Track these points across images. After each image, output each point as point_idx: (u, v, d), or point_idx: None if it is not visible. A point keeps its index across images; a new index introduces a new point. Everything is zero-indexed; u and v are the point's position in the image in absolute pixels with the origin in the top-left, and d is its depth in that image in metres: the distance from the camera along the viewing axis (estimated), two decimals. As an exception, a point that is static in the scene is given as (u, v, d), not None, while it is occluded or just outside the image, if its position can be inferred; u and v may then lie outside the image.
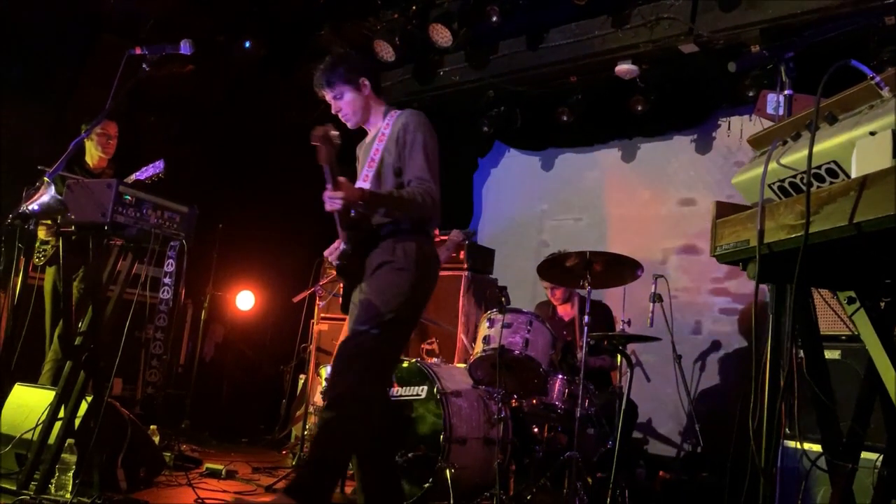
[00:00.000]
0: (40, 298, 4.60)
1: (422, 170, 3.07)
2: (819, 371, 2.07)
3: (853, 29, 4.52)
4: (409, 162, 3.10)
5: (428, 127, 3.19)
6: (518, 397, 4.30)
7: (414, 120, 3.18)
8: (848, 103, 1.75)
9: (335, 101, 3.23)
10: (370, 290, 3.01)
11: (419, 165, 3.08)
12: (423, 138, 3.12)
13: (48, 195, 3.19)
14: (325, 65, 3.24)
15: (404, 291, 2.97)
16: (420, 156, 3.09)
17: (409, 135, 3.12)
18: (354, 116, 3.25)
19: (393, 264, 3.02)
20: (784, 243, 1.74)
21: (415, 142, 3.11)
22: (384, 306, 2.93)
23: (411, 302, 3.01)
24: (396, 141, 3.13)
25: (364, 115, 3.26)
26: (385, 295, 2.96)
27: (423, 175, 3.06)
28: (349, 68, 3.20)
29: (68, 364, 3.37)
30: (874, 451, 2.34)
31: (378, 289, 3.00)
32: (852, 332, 2.47)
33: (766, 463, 1.88)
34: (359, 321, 2.95)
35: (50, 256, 4.57)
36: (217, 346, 7.24)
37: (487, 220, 7.82)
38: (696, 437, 4.88)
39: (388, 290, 2.98)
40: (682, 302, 6.14)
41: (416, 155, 3.09)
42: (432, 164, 3.12)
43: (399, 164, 3.12)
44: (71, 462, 3.16)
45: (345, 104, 3.22)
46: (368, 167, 3.17)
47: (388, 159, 3.13)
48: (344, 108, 3.23)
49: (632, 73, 5.87)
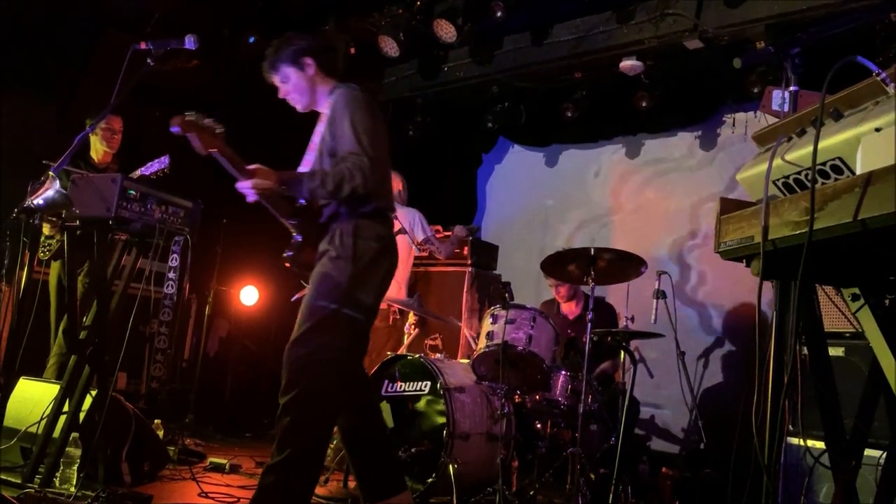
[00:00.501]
0: (45, 293, 4.61)
1: (350, 144, 2.92)
2: (823, 368, 2.06)
3: (859, 25, 4.51)
4: (339, 140, 2.97)
5: (357, 100, 3.04)
6: (521, 393, 4.30)
7: (342, 97, 3.05)
8: (853, 99, 1.75)
9: (282, 84, 3.16)
10: (312, 283, 2.95)
11: (349, 141, 2.93)
12: (350, 113, 2.97)
13: (53, 190, 3.20)
14: (271, 48, 3.17)
15: (341, 282, 2.88)
16: (348, 131, 2.94)
17: (337, 113, 3.02)
18: (301, 99, 3.17)
19: (329, 253, 2.95)
20: (788, 240, 1.74)
21: (343, 118, 2.97)
22: (322, 300, 2.87)
23: (352, 290, 2.89)
24: (330, 122, 3.04)
25: (310, 97, 3.17)
26: (321, 288, 2.90)
27: (352, 149, 2.91)
28: (292, 50, 3.13)
29: (73, 358, 3.39)
30: (878, 448, 2.34)
31: (315, 282, 2.94)
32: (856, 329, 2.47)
33: (769, 460, 1.88)
34: (301, 320, 2.89)
35: (55, 251, 4.58)
36: (221, 341, 7.25)
37: (491, 216, 7.82)
38: (699, 434, 4.88)
39: (324, 282, 2.91)
40: (685, 298, 6.14)
41: (344, 131, 2.96)
42: (363, 135, 2.93)
43: (332, 144, 3.01)
44: (75, 456, 3.18)
45: (291, 87, 3.15)
46: (310, 151, 3.10)
47: (325, 142, 3.05)
48: (290, 92, 3.16)
49: (636, 69, 5.86)
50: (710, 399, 5.81)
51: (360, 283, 2.92)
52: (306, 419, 2.82)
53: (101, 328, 3.37)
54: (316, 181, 2.88)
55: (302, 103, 3.19)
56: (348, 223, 2.97)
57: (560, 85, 6.54)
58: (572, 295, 5.25)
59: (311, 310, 2.89)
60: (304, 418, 2.82)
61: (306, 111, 3.23)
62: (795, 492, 3.22)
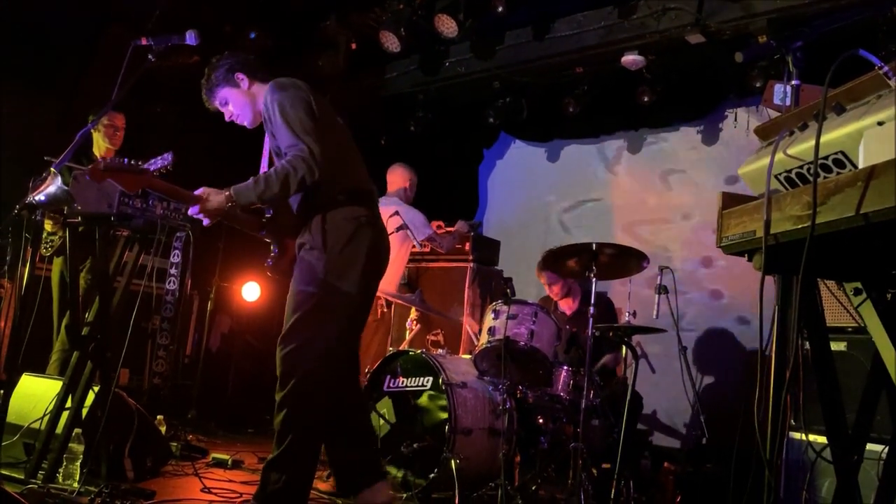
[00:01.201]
0: (48, 289, 4.61)
1: (287, 137, 2.87)
2: (825, 363, 2.06)
3: (861, 19, 4.49)
4: (278, 137, 2.94)
5: (286, 88, 2.97)
6: (523, 388, 4.30)
7: (269, 92, 3.00)
8: (856, 93, 1.74)
9: (224, 108, 3.15)
10: (293, 280, 2.97)
11: (284, 135, 2.88)
12: (278, 107, 2.91)
13: (55, 186, 3.20)
14: (203, 80, 3.17)
15: (318, 271, 2.89)
16: (281, 125, 2.88)
17: (268, 111, 2.97)
18: (245, 115, 3.15)
19: (304, 246, 2.96)
20: (790, 234, 1.74)
21: (273, 116, 2.92)
22: (304, 292, 2.89)
23: (334, 282, 2.90)
24: (266, 123, 3.03)
25: (252, 110, 3.14)
26: (302, 281, 2.92)
27: (289, 142, 2.86)
28: (223, 69, 3.12)
29: (75, 354, 3.39)
30: (880, 442, 2.34)
31: (295, 275, 2.97)
32: (858, 324, 2.46)
33: (771, 454, 1.88)
34: (287, 316, 2.92)
35: (57, 247, 4.58)
36: (223, 337, 7.26)
37: (493, 212, 7.81)
38: (701, 429, 4.88)
39: (303, 274, 2.93)
40: (687, 293, 6.13)
41: (278, 126, 2.91)
42: (294, 125, 2.86)
43: (275, 144, 2.98)
44: (78, 451, 3.18)
45: (232, 107, 3.13)
46: (264, 159, 3.13)
47: (270, 144, 3.04)
48: (234, 111, 3.14)
49: (638, 64, 5.85)
50: (712, 394, 5.81)
51: (340, 269, 2.91)
52: (302, 412, 2.84)
53: (104, 324, 3.37)
54: (261, 186, 2.84)
55: (248, 119, 3.17)
56: (317, 213, 2.96)
57: (561, 80, 6.54)
58: (566, 292, 5.24)
59: (295, 302, 2.92)
60: (300, 411, 2.84)
61: (254, 126, 3.21)
62: (797, 487, 3.22)
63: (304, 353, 2.85)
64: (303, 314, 2.88)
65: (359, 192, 3.05)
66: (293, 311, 2.90)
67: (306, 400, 2.84)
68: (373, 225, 3.03)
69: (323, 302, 2.88)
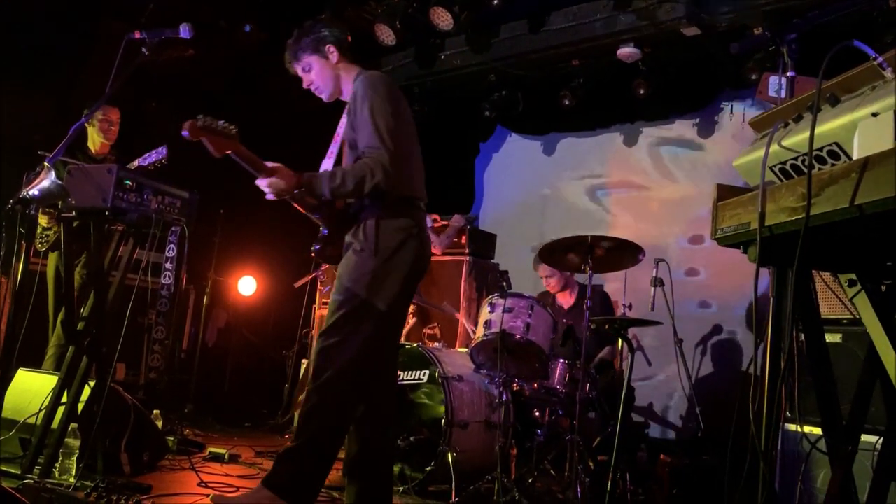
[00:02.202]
0: (43, 284, 4.61)
1: (370, 137, 2.86)
2: (820, 354, 2.06)
3: (856, 11, 4.49)
4: (359, 133, 2.92)
5: (379, 88, 2.95)
6: (519, 381, 4.31)
7: (362, 86, 2.96)
8: (850, 84, 1.74)
9: (305, 74, 3.09)
10: (338, 276, 2.95)
11: (368, 134, 2.87)
12: (369, 104, 2.89)
13: (49, 180, 3.18)
14: (293, 37, 3.10)
15: (363, 274, 2.88)
16: (368, 123, 2.87)
17: (357, 103, 2.94)
18: (326, 88, 3.10)
19: (353, 245, 2.94)
20: (785, 226, 1.74)
21: (363, 110, 2.90)
22: (347, 292, 2.87)
23: (379, 287, 2.88)
24: (349, 112, 2.98)
25: (335, 86, 3.10)
26: (346, 280, 2.90)
27: (371, 143, 2.86)
28: (314, 38, 3.06)
29: (71, 349, 3.39)
30: (874, 433, 2.35)
31: (340, 274, 2.94)
32: (853, 316, 2.46)
33: (766, 446, 1.88)
34: (329, 313, 2.90)
35: (52, 242, 4.57)
36: (219, 332, 7.26)
37: (489, 205, 7.81)
38: (696, 421, 4.89)
39: (348, 275, 2.90)
40: (683, 286, 6.14)
41: (363, 124, 2.89)
42: (383, 129, 2.87)
43: (353, 136, 2.96)
44: (74, 446, 3.18)
45: (314, 76, 3.08)
46: (334, 143, 3.05)
47: (346, 134, 3.01)
48: (314, 81, 3.09)
49: (634, 57, 5.85)
50: (708, 386, 5.82)
51: (385, 276, 2.90)
52: (328, 406, 2.83)
53: (99, 319, 3.36)
54: (336, 181, 2.84)
55: (327, 92, 3.12)
56: (372, 216, 2.94)
57: (557, 73, 6.53)
58: (564, 285, 5.24)
59: (338, 302, 2.89)
60: (326, 405, 2.82)
61: (331, 101, 3.17)
62: (792, 478, 3.23)
63: (342, 350, 2.84)
64: (347, 312, 2.87)
65: (414, 202, 3.05)
66: (338, 307, 2.88)
67: (335, 396, 2.83)
68: (419, 237, 3.02)
69: (366, 304, 2.87)
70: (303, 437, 2.80)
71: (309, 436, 2.80)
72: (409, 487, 3.89)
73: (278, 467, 2.81)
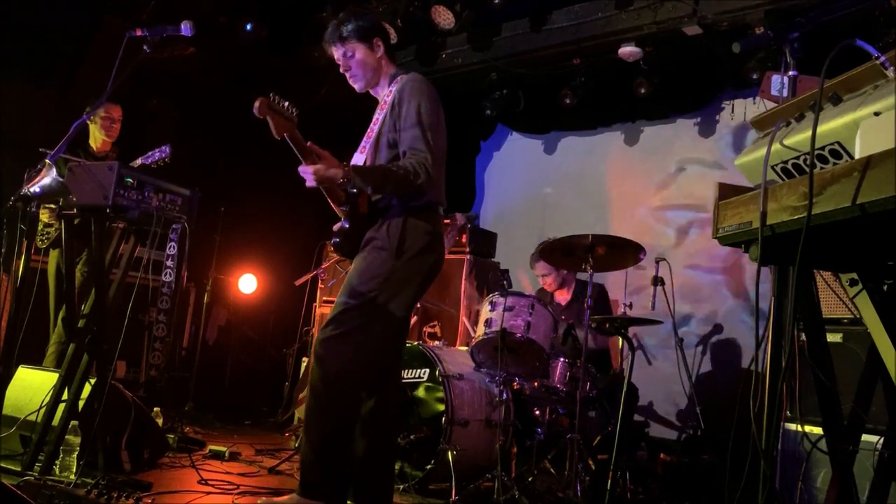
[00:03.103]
0: (44, 281, 4.61)
1: (415, 139, 2.87)
2: (821, 354, 2.06)
3: (858, 10, 4.48)
4: (403, 132, 2.91)
5: (427, 92, 2.98)
6: (520, 380, 4.31)
7: (410, 86, 2.97)
8: (852, 84, 1.74)
9: (345, 58, 3.04)
10: (353, 269, 2.92)
11: (412, 135, 2.88)
12: (417, 105, 2.90)
13: (50, 177, 3.19)
14: (341, 19, 3.05)
15: (381, 273, 2.85)
16: (414, 125, 2.88)
17: (403, 103, 2.93)
18: (364, 78, 3.07)
19: (375, 242, 2.91)
20: (787, 225, 1.74)
21: (409, 110, 2.90)
22: (361, 287, 2.84)
23: (392, 284, 2.86)
24: (392, 109, 2.96)
25: (373, 78, 3.08)
26: (362, 276, 2.87)
27: (416, 145, 2.86)
28: (365, 25, 3.03)
29: (71, 346, 3.39)
30: (875, 433, 2.35)
31: (357, 269, 2.90)
32: (854, 316, 2.46)
33: (766, 445, 1.88)
34: (336, 305, 2.87)
35: (53, 239, 4.57)
36: (220, 329, 7.26)
37: (490, 204, 7.81)
38: (696, 420, 4.89)
39: (366, 270, 2.87)
40: (684, 285, 6.14)
41: (409, 124, 2.89)
42: (428, 132, 2.89)
43: (394, 135, 2.95)
44: (75, 444, 3.18)
45: (355, 63, 3.04)
46: (367, 138, 3.02)
47: (385, 130, 2.98)
48: (354, 68, 3.05)
49: (635, 56, 5.84)
50: (708, 385, 5.82)
51: (402, 278, 2.89)
52: (329, 401, 2.82)
53: (100, 316, 3.36)
54: (379, 177, 2.83)
55: (362, 82, 3.09)
56: (398, 216, 2.93)
57: (559, 71, 6.52)
58: (560, 283, 5.24)
59: (351, 294, 2.86)
60: (327, 400, 2.82)
61: (363, 92, 3.15)
62: (793, 477, 3.23)
63: (346, 343, 2.81)
64: (354, 306, 2.84)
65: (437, 207, 3.07)
66: (346, 301, 2.85)
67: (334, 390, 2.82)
68: (439, 244, 3.05)
69: (379, 303, 2.85)
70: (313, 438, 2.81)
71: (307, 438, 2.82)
72: (410, 486, 3.89)
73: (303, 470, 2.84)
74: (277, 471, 4.11)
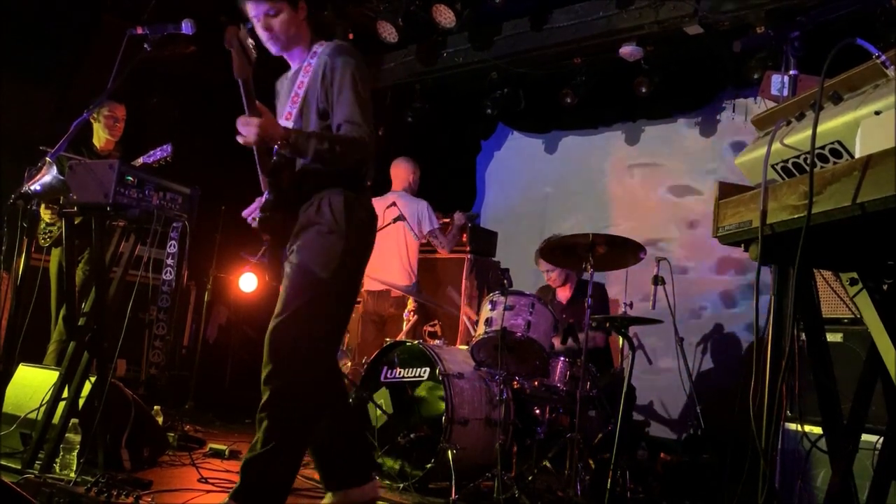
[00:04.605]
0: (45, 279, 4.61)
1: (353, 113, 2.71)
2: (820, 353, 2.06)
3: (859, 10, 4.48)
4: (338, 104, 2.75)
5: (358, 63, 2.81)
6: (520, 379, 4.30)
7: (342, 54, 2.82)
8: (853, 83, 1.74)
9: (267, 17, 2.88)
10: (299, 258, 2.76)
11: (349, 108, 2.72)
12: (352, 75, 2.75)
13: (50, 175, 3.19)
14: None
15: (336, 258, 2.72)
16: (350, 96, 2.72)
17: (336, 72, 2.77)
18: (282, 39, 2.90)
19: (320, 227, 2.76)
20: (787, 224, 1.73)
21: (343, 81, 2.75)
22: (316, 276, 2.70)
23: (346, 269, 2.75)
24: (323, 78, 2.81)
25: (292, 42, 2.93)
26: (315, 264, 2.72)
27: (354, 119, 2.70)
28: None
29: (72, 345, 3.39)
30: (875, 433, 2.35)
31: (308, 258, 2.74)
32: (854, 315, 2.46)
33: (766, 445, 1.88)
34: (289, 299, 2.72)
35: (55, 238, 4.58)
36: (220, 328, 7.26)
37: (490, 203, 7.81)
38: (697, 420, 4.89)
39: (319, 258, 2.73)
40: (684, 284, 6.14)
41: (345, 95, 2.73)
42: (364, 106, 2.73)
43: (324, 105, 2.80)
44: (75, 442, 3.18)
45: (277, 23, 2.88)
46: (292, 103, 2.86)
47: (311, 97, 2.83)
48: (276, 28, 2.89)
49: (636, 55, 5.84)
50: (708, 384, 5.82)
51: (355, 260, 2.81)
52: (297, 407, 2.69)
53: (100, 315, 3.36)
54: (324, 144, 2.65)
55: (279, 45, 2.94)
56: (337, 195, 2.78)
57: (559, 71, 6.53)
58: (564, 279, 5.25)
59: (303, 286, 2.72)
60: (295, 407, 2.68)
61: (278, 55, 3.01)
62: (792, 477, 3.23)
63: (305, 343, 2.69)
64: (309, 299, 2.71)
65: (369, 189, 2.98)
66: (297, 294, 2.72)
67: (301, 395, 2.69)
68: (376, 221, 2.98)
69: (334, 290, 2.74)
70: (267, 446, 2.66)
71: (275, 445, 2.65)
72: (409, 484, 3.89)
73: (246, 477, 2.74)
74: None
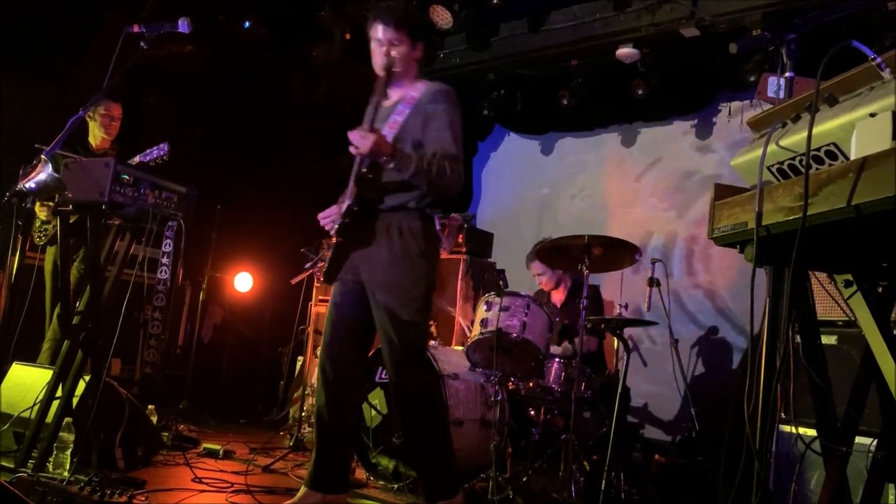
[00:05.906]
0: (40, 278, 4.59)
1: (450, 145, 2.93)
2: (815, 355, 2.06)
3: (855, 13, 4.49)
4: (436, 136, 2.96)
5: (457, 105, 3.06)
6: (515, 380, 4.30)
7: (446, 93, 3.04)
8: (848, 85, 1.74)
9: (388, 44, 3.02)
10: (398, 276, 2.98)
11: (447, 142, 2.94)
12: (449, 113, 2.99)
13: (45, 173, 3.18)
14: (403, 6, 3.08)
15: (421, 278, 3.01)
16: (447, 132, 2.95)
17: (438, 105, 2.99)
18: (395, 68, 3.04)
19: (410, 251, 2.99)
20: (782, 225, 1.73)
21: (443, 115, 2.97)
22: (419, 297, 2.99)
23: (429, 285, 3.07)
24: (423, 111, 3.00)
25: (402, 73, 3.07)
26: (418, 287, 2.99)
27: (450, 150, 2.92)
28: (421, 26, 3.15)
29: (66, 343, 3.38)
30: (869, 435, 2.35)
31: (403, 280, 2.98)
32: (849, 318, 2.46)
33: (761, 447, 1.88)
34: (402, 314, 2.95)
35: (51, 236, 4.56)
36: (216, 328, 7.25)
37: (487, 204, 7.81)
38: (691, 421, 4.90)
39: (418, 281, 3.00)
40: (679, 286, 6.15)
41: (443, 131, 2.96)
42: (460, 143, 2.97)
43: (420, 137, 2.99)
44: (69, 440, 3.17)
45: (396, 52, 3.02)
46: (389, 128, 3.01)
47: (409, 127, 3.01)
48: (393, 56, 3.02)
49: (633, 57, 5.85)
50: (703, 386, 5.82)
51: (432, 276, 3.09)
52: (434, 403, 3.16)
53: (95, 313, 3.35)
54: (424, 165, 2.86)
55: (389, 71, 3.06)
56: (416, 220, 3.01)
57: (556, 72, 6.53)
58: (556, 282, 5.24)
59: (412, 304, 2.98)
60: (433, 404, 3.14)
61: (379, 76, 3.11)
62: (786, 479, 3.23)
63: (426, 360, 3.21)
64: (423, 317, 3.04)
65: None
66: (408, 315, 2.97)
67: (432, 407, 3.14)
68: None
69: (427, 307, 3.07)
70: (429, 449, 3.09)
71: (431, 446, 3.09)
72: (404, 485, 3.89)
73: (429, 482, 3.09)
74: (271, 469, 4.10)
